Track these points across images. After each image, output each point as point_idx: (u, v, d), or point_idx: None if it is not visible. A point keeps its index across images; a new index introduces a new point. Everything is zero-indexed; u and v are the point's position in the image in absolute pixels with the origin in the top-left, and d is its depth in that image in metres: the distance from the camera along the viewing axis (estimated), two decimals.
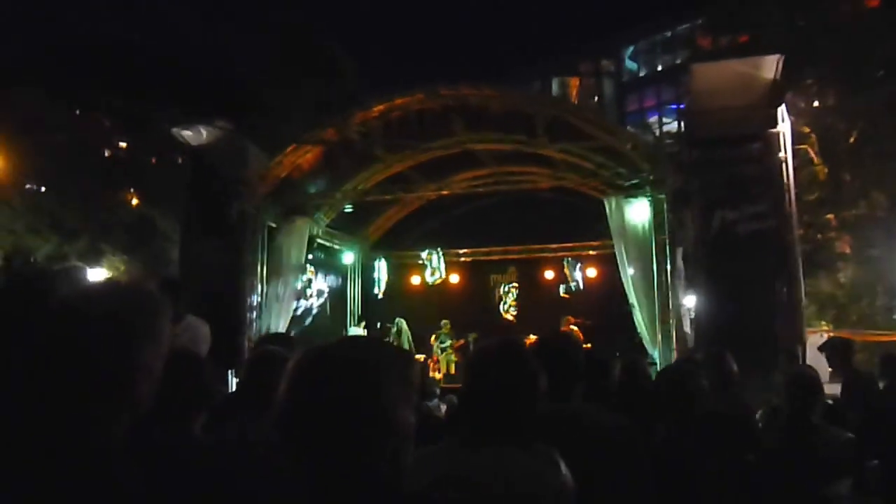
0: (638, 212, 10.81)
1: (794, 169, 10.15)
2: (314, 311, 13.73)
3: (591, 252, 14.21)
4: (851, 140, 15.22)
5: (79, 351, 1.24)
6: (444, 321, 14.60)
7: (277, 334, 5.29)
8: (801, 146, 14.45)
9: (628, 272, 10.81)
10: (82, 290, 1.43)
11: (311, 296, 13.49)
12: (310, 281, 13.39)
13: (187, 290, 10.97)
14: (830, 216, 15.18)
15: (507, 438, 1.80)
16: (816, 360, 5.97)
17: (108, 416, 1.26)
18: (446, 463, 1.77)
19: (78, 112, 21.58)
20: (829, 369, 5.72)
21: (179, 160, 16.73)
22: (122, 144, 23.25)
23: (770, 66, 9.06)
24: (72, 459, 1.19)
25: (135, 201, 20.92)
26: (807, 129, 15.19)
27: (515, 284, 15.31)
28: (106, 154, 22.67)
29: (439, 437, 1.99)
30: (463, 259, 15.36)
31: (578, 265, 14.33)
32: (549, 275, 14.71)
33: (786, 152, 9.18)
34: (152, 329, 1.32)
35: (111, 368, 1.26)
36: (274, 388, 2.16)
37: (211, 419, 2.44)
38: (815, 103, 15.93)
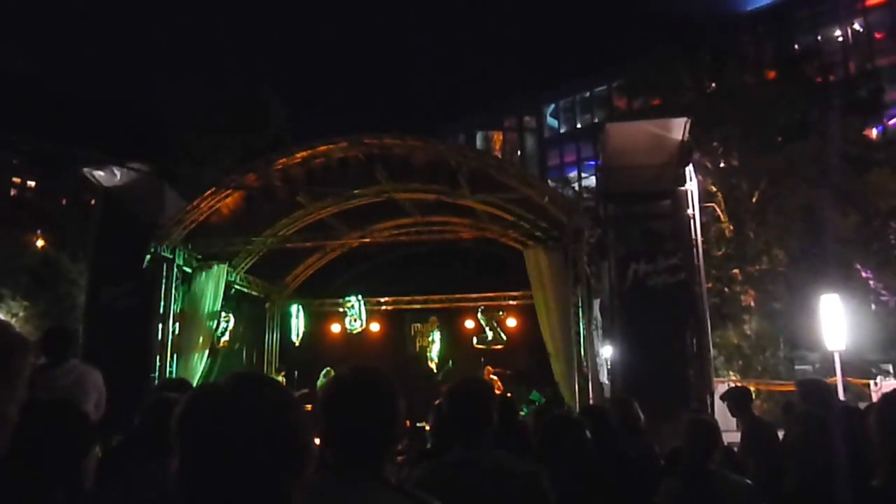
0: (556, 263, 11.02)
1: (703, 225, 10.66)
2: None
3: (511, 302, 14.36)
4: (754, 199, 16.15)
5: None
6: None
7: (178, 380, 5.05)
8: (709, 204, 15.23)
9: (547, 322, 10.94)
10: None
11: (225, 342, 13.05)
12: (226, 328, 12.98)
13: (93, 335, 10.55)
14: (736, 271, 15.95)
15: (371, 471, 1.73)
16: (724, 408, 6.16)
17: None
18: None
19: None
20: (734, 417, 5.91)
21: (92, 202, 16.12)
22: (31, 184, 22.26)
23: (678, 128, 9.57)
24: None
25: (40, 243, 19.91)
26: (714, 188, 16.05)
27: (438, 333, 15.28)
28: (11, 193, 21.63)
29: None
30: (384, 307, 15.25)
31: (498, 315, 14.43)
32: (470, 324, 14.75)
33: (693, 209, 9.65)
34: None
35: None
36: (166, 437, 2.07)
37: (99, 467, 2.30)
38: (721, 164, 16.86)
